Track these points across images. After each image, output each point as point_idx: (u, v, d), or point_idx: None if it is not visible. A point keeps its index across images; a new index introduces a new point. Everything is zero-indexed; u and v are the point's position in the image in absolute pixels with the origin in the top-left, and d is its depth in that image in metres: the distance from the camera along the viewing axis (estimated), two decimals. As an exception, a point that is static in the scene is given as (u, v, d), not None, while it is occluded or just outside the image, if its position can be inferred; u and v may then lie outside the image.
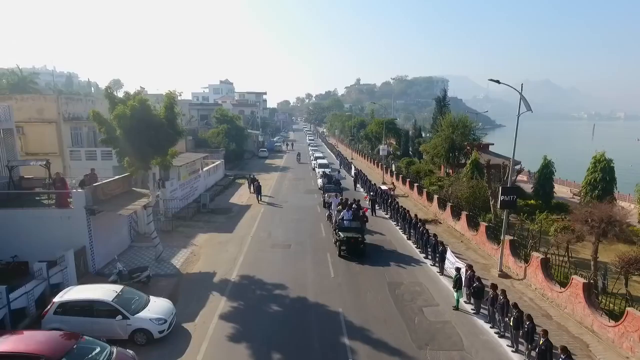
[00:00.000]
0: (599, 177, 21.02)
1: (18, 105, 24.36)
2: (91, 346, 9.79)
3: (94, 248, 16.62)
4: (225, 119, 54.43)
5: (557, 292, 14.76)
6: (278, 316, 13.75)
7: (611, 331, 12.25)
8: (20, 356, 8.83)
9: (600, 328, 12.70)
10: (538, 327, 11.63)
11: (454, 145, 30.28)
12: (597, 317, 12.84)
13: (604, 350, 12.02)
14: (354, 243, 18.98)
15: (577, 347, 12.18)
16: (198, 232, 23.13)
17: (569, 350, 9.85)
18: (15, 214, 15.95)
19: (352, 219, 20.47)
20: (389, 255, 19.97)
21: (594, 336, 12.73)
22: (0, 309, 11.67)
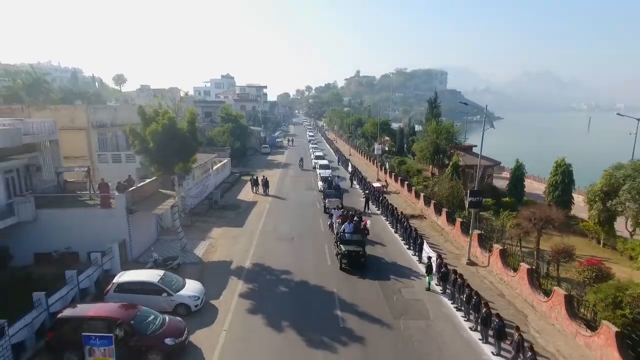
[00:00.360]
0: (559, 180, 24.43)
1: (53, 115, 27.60)
2: (147, 314, 13.29)
3: (131, 241, 20.09)
4: (229, 117, 57.64)
5: (510, 276, 18.29)
6: (285, 295, 17.26)
7: (544, 305, 15.78)
8: (104, 319, 12.33)
9: (537, 303, 16.24)
10: (493, 308, 15.13)
11: (438, 149, 33.72)
12: (536, 295, 16.36)
13: (538, 319, 15.56)
14: (355, 257, 19.52)
15: (518, 317, 15.73)
16: (213, 226, 26.59)
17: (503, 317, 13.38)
18: (67, 213, 19.38)
19: (353, 232, 21.11)
20: (377, 246, 23.43)
21: (532, 310, 16.27)
22: (72, 288, 15.17)
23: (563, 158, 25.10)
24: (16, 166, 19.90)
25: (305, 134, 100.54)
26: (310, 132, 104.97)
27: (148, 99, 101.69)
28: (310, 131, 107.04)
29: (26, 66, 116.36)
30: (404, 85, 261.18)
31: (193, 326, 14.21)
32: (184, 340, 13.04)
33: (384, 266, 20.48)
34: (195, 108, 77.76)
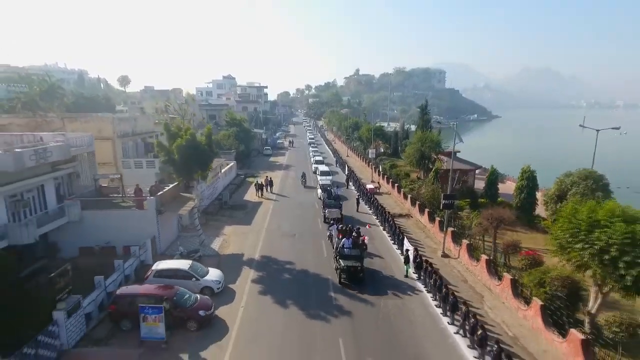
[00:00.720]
0: (525, 184, 28.30)
1: (83, 126, 31.38)
2: (184, 293, 17.13)
3: (160, 237, 23.94)
4: (234, 122, 61.39)
5: (474, 265, 22.16)
6: (289, 280, 21.12)
7: (497, 288, 19.66)
8: (153, 295, 16.17)
9: (492, 286, 20.11)
10: (455, 290, 18.98)
11: (423, 155, 37.56)
12: (492, 280, 20.23)
13: (492, 299, 19.43)
14: (353, 272, 20.34)
15: (476, 298, 19.60)
16: (224, 224, 30.44)
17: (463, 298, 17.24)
18: (107, 213, 23.20)
19: (352, 247, 21.71)
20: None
21: (489, 291, 20.13)
22: (120, 274, 19.03)
23: (529, 165, 28.94)
24: (62, 174, 23.70)
25: (305, 135, 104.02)
26: (311, 134, 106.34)
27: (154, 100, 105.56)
28: (310, 133, 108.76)
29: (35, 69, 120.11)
30: (403, 85, 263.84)
31: (217, 304, 18.05)
32: (212, 313, 16.91)
33: (371, 258, 24.32)
34: (200, 111, 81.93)
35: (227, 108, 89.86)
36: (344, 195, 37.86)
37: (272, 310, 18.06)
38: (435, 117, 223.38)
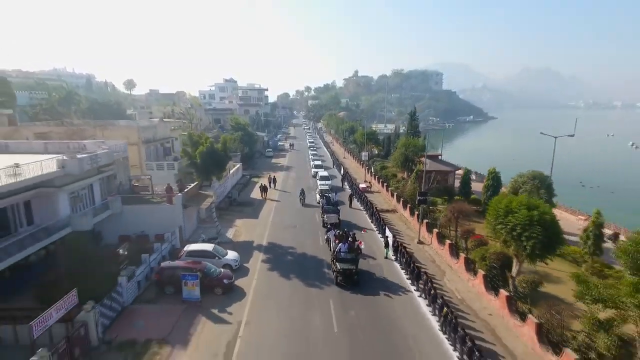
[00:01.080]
0: (490, 184, 33.47)
1: (113, 134, 36.48)
2: (211, 267, 22.24)
3: (185, 227, 29.06)
4: (239, 127, 66.48)
5: (441, 249, 27.30)
6: (291, 261, 26.22)
7: (456, 265, 24.79)
8: (188, 268, 21.28)
9: (453, 264, 25.25)
10: (426, 271, 24.07)
11: (407, 158, 42.71)
12: (453, 259, 25.36)
13: (451, 274, 24.55)
14: (349, 275, 22.03)
15: (439, 273, 24.72)
16: (235, 218, 35.54)
17: (428, 272, 22.39)
18: (142, 207, 28.29)
19: (348, 251, 22.76)
20: (358, 230, 32.33)
21: (450, 269, 25.25)
22: (158, 254, 24.14)
23: (494, 168, 34.11)
24: (105, 176, 28.78)
25: (305, 138, 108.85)
26: (310, 137, 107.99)
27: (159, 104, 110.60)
28: (310, 137, 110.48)
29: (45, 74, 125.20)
30: (400, 86, 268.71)
31: (236, 276, 23.16)
32: (233, 282, 22.04)
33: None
34: (207, 116, 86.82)
35: (230, 112, 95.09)
36: (341, 201, 39.96)
37: (278, 281, 23.19)
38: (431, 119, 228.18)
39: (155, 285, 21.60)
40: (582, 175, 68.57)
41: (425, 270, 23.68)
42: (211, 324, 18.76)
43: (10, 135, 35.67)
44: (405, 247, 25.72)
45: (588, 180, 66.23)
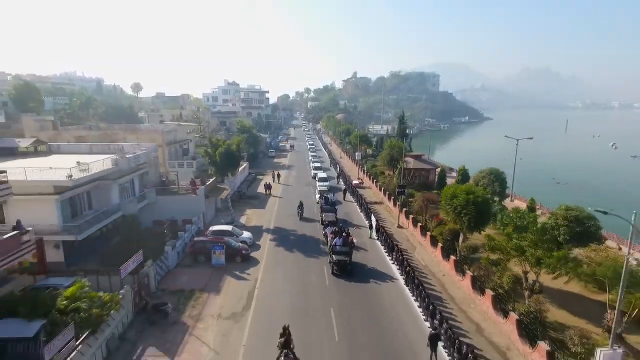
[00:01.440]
0: (460, 179, 39.97)
1: (140, 137, 42.84)
2: (231, 241, 28.72)
3: (206, 213, 35.50)
4: (244, 129, 72.89)
5: (414, 231, 33.75)
6: (293, 240, 32.66)
7: (424, 242, 31.25)
8: (215, 241, 27.75)
9: (422, 242, 31.71)
10: (400, 247, 30.51)
11: (392, 158, 49.26)
12: (422, 237, 31.82)
13: (420, 249, 31.01)
14: (343, 265, 25.08)
15: (411, 248, 31.20)
16: (246, 208, 41.95)
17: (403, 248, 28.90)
18: (172, 197, 34.71)
19: (343, 245, 25.58)
20: (350, 219, 38.80)
21: (420, 245, 31.71)
22: (189, 233, 30.58)
23: (463, 166, 40.64)
24: (141, 172, 35.20)
25: (305, 138, 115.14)
26: (310, 140, 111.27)
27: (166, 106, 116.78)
28: (309, 139, 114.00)
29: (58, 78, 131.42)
30: (398, 88, 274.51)
31: (250, 250, 29.61)
32: (249, 253, 28.52)
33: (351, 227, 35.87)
34: (213, 119, 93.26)
35: (235, 115, 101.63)
36: (339, 201, 43.53)
37: (284, 254, 29.64)
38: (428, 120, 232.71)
39: (189, 256, 28.05)
40: (558, 173, 74.92)
41: (400, 245, 30.12)
42: (235, 280, 25.22)
43: (54, 138, 42.02)
44: (384, 229, 32.21)
45: (562, 177, 72.56)
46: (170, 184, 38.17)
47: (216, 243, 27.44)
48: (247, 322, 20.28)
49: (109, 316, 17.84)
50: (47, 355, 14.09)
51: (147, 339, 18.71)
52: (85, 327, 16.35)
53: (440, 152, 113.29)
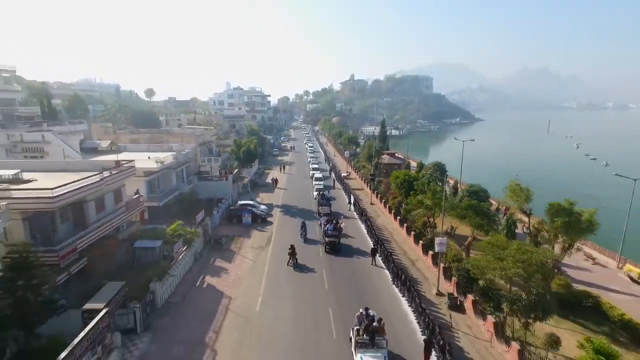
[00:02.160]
0: (418, 169, 53.96)
1: (179, 139, 56.72)
2: (254, 209, 42.80)
3: (233, 194, 49.58)
4: (253, 132, 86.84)
5: (380, 205, 47.80)
6: (295, 211, 46.70)
7: (385, 212, 45.33)
8: (243, 209, 41.85)
9: (384, 211, 45.78)
10: (369, 214, 44.57)
11: (370, 155, 63.34)
12: (385, 209, 45.87)
13: (383, 216, 45.10)
14: (333, 245, 33.13)
15: (376, 215, 45.31)
16: (259, 192, 55.97)
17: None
18: (209, 182, 48.77)
19: (333, 230, 34.18)
20: (339, 200, 52.74)
21: (384, 215, 45.78)
22: (224, 206, 44.64)
23: (421, 161, 54.57)
24: (187, 165, 49.14)
25: (304, 140, 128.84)
26: (309, 142, 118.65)
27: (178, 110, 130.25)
28: (309, 141, 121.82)
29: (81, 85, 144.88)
30: (392, 91, 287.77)
31: (267, 216, 43.66)
32: (267, 217, 42.64)
33: (338, 203, 49.88)
34: (224, 121, 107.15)
35: (242, 118, 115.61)
36: (332, 197, 52.52)
37: (289, 219, 43.66)
38: (420, 121, 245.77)
39: (226, 220, 42.09)
40: (516, 169, 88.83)
41: (368, 214, 44.09)
42: (258, 232, 39.27)
43: (115, 140, 55.87)
44: (360, 204, 46.31)
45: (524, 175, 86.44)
46: (204, 173, 52.18)
47: (245, 209, 41.52)
48: (269, 249, 34.33)
49: (194, 240, 31.87)
50: (176, 249, 28.14)
51: (213, 255, 32.75)
52: (184, 243, 30.37)
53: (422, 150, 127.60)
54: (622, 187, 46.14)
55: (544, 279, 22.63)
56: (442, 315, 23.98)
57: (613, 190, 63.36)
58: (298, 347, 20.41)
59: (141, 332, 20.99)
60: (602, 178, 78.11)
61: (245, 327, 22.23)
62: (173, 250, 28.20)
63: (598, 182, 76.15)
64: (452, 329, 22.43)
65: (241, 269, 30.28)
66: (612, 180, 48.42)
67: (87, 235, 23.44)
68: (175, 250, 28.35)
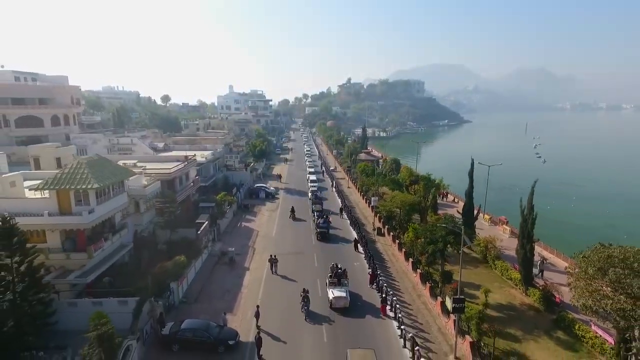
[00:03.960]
0: (385, 164, 74.33)
1: (209, 141, 77.17)
2: (267, 189, 63.42)
3: (249, 180, 70.16)
4: (261, 135, 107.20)
5: (356, 190, 68.35)
6: (294, 191, 67.23)
7: (356, 191, 65.88)
8: (260, 187, 62.51)
9: (355, 191, 66.34)
10: (345, 196, 65.13)
11: (350, 153, 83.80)
12: (355, 190, 66.38)
13: (355, 195, 65.64)
14: (323, 234, 42.96)
15: (355, 204, 65.88)
16: (268, 180, 76.51)
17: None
18: (235, 173, 69.29)
19: (324, 223, 44.26)
20: (330, 201, 73.21)
21: (363, 203, 66.31)
22: (245, 186, 65.24)
23: (388, 156, 74.75)
24: (218, 160, 69.54)
25: (302, 141, 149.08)
26: (307, 146, 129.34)
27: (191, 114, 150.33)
28: (307, 145, 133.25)
29: (107, 92, 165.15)
30: (386, 95, 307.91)
31: (276, 194, 64.20)
32: (275, 194, 63.29)
33: (325, 193, 70.39)
34: (234, 125, 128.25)
35: (250, 123, 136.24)
36: (324, 197, 62.56)
37: (291, 196, 64.09)
38: (409, 124, 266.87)
39: (248, 195, 62.64)
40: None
41: (344, 193, 64.46)
42: (270, 203, 59.83)
43: (164, 141, 76.30)
44: (339, 187, 66.96)
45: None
46: (229, 166, 72.66)
47: (260, 189, 62.12)
48: (277, 211, 54.84)
49: (233, 203, 52.40)
50: (225, 207, 48.70)
51: (244, 214, 53.30)
52: (229, 203, 50.89)
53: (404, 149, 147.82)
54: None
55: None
56: (373, 237, 44.50)
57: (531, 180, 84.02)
58: (295, 250, 40.73)
59: (216, 241, 41.42)
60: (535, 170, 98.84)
61: (267, 240, 42.79)
62: (223, 208, 48.66)
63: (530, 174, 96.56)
64: (370, 233, 42.90)
65: (262, 220, 50.89)
66: (539, 172, 69.00)
67: (180, 194, 43.91)
68: (225, 209, 48.84)
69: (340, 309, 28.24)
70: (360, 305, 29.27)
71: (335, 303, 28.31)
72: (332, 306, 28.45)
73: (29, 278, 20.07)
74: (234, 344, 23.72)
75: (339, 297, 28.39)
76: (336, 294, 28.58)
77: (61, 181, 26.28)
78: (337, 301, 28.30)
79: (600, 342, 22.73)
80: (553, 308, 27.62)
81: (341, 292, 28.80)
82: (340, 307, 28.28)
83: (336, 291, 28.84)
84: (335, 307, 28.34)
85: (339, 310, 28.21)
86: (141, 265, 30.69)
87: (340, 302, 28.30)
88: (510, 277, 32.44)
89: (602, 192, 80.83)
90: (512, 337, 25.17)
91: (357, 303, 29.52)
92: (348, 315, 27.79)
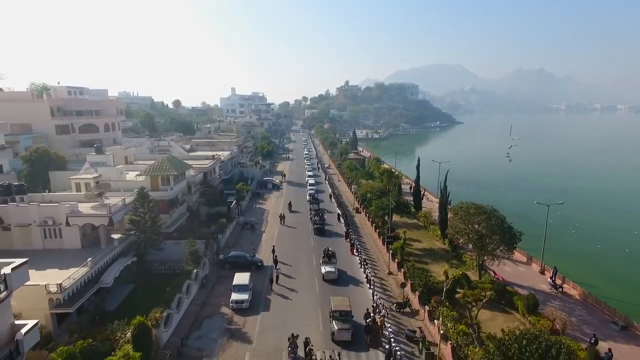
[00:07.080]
0: (370, 161, 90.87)
1: (224, 144, 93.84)
2: (273, 181, 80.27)
3: (259, 176, 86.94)
4: (265, 137, 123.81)
5: (344, 183, 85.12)
6: (296, 184, 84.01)
7: (347, 187, 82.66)
8: (268, 180, 79.41)
9: (344, 183, 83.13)
10: (335, 187, 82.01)
11: (342, 153, 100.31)
12: (345, 183, 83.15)
13: (344, 186, 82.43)
14: (319, 230, 50.96)
15: (342, 193, 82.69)
16: (273, 176, 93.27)
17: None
18: (250, 169, 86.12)
19: (319, 220, 52.52)
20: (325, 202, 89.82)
21: (350, 194, 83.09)
22: (255, 180, 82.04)
23: (373, 155, 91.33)
24: (234, 159, 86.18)
25: (301, 142, 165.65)
26: (305, 149, 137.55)
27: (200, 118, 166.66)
28: (305, 147, 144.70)
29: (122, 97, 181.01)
30: (381, 97, 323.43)
31: (281, 185, 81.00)
32: (280, 186, 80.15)
33: (320, 187, 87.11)
34: (241, 128, 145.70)
35: (254, 125, 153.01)
36: (322, 199, 69.58)
37: (293, 188, 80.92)
38: (403, 125, 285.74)
39: (258, 186, 79.43)
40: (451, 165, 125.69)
41: (335, 185, 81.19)
42: (277, 192, 76.77)
43: (188, 143, 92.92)
44: (331, 180, 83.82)
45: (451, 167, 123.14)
46: (242, 163, 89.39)
47: (268, 182, 78.96)
48: (282, 198, 71.66)
49: (249, 191, 69.17)
50: (244, 194, 65.58)
51: (257, 199, 70.14)
52: (246, 191, 67.65)
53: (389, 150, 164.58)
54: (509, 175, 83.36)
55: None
56: (352, 214, 61.24)
57: (498, 176, 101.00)
58: (297, 226, 57.24)
59: (239, 216, 58.09)
60: (500, 169, 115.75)
61: (275, 216, 59.54)
62: (242, 194, 65.38)
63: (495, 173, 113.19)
64: (351, 211, 59.60)
65: (271, 203, 67.81)
66: (501, 169, 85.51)
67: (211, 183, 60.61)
68: (244, 194, 65.60)
69: (330, 281, 37.08)
70: (345, 279, 38.15)
71: (327, 276, 37.04)
72: (324, 278, 37.05)
73: (151, 222, 36.59)
74: (261, 265, 40.58)
75: (329, 272, 37.12)
76: (327, 269, 37.41)
77: (154, 170, 43.06)
78: (327, 274, 37.08)
79: (471, 259, 39.60)
80: (457, 250, 44.30)
81: (331, 268, 37.65)
82: (330, 279, 37.12)
83: (327, 267, 37.72)
84: (326, 279, 37.06)
85: (329, 282, 37.05)
86: (193, 227, 47.44)
87: (330, 276, 37.07)
88: (437, 234, 49.18)
89: (546, 185, 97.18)
90: (426, 262, 41.89)
91: (343, 277, 38.31)
92: (335, 285, 36.83)
